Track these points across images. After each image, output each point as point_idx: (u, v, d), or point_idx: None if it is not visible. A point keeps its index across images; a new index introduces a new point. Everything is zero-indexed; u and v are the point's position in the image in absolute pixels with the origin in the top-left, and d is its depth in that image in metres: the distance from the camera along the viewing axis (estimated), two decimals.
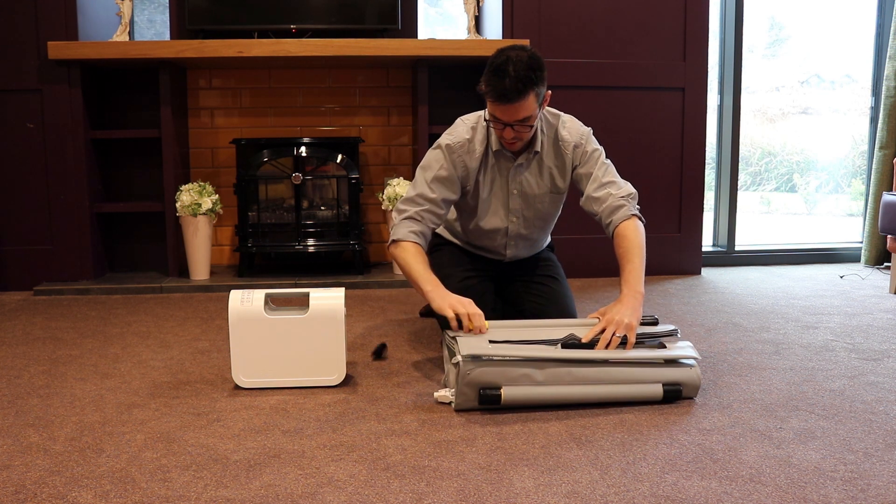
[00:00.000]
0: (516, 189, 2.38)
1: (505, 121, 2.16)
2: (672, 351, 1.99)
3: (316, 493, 1.47)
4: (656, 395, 1.94)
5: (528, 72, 2.08)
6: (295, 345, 2.07)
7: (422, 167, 2.34)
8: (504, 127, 2.19)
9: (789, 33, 5.09)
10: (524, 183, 2.37)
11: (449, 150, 2.30)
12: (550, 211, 2.46)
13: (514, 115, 2.14)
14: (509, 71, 2.07)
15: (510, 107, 2.12)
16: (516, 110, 2.13)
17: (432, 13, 4.36)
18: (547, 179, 2.38)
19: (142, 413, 1.91)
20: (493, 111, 2.17)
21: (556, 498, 1.44)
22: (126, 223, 3.85)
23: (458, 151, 2.30)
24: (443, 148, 2.31)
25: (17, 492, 1.47)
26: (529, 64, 2.09)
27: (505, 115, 2.15)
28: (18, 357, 2.44)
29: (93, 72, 3.63)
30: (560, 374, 1.91)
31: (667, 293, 3.44)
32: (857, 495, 1.45)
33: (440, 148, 2.32)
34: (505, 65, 2.08)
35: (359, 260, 3.67)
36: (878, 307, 3.14)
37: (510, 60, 2.08)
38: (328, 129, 3.94)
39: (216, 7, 3.64)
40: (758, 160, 5.36)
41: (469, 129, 2.33)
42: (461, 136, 2.32)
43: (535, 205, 2.41)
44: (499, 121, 2.18)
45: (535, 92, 2.12)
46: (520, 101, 2.10)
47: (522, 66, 2.08)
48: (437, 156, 2.32)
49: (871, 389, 2.08)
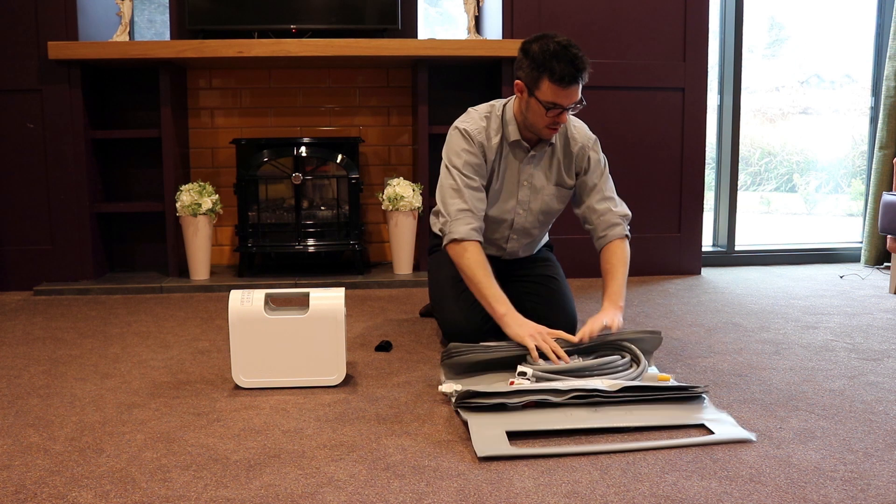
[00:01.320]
0: (526, 180, 2.39)
1: (565, 105, 2.17)
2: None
3: (316, 493, 1.47)
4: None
5: (580, 51, 2.14)
6: (295, 345, 2.07)
7: (448, 156, 2.32)
8: (561, 112, 2.19)
9: (789, 33, 5.09)
10: (534, 175, 2.39)
11: (469, 135, 2.30)
12: (554, 206, 2.47)
13: (575, 96, 2.17)
14: (567, 54, 2.11)
15: (574, 89, 2.14)
16: (576, 92, 2.16)
17: (432, 13, 4.36)
18: (555, 173, 2.41)
19: (142, 413, 1.91)
20: (556, 97, 2.16)
21: (556, 498, 1.44)
22: (126, 223, 3.85)
23: (476, 137, 2.31)
24: (461, 132, 2.31)
25: (17, 492, 1.47)
26: (576, 45, 2.15)
27: (567, 98, 2.16)
28: (18, 357, 2.44)
29: (93, 72, 3.63)
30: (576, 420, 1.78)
31: (667, 293, 3.44)
32: (857, 495, 1.45)
33: (459, 132, 2.31)
34: (559, 49, 2.11)
35: (359, 260, 3.67)
36: (878, 307, 3.14)
37: (560, 45, 2.12)
38: (328, 129, 3.94)
39: (216, 7, 3.64)
40: (758, 160, 5.36)
41: (483, 118, 2.34)
42: (477, 122, 2.33)
43: (542, 197, 2.43)
44: (558, 106, 2.17)
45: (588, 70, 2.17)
46: (582, 81, 2.15)
47: (574, 47, 2.13)
48: (459, 142, 2.31)
49: (871, 389, 2.08)
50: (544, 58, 2.12)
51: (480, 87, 3.95)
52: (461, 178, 2.28)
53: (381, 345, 2.49)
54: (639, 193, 3.83)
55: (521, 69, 2.20)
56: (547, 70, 2.12)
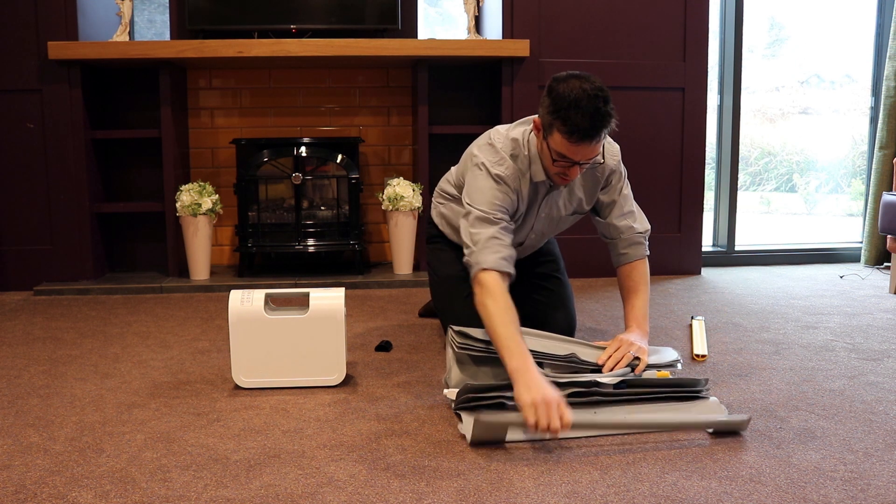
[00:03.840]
0: (544, 213, 2.27)
1: (575, 160, 1.97)
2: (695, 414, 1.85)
3: (316, 493, 1.47)
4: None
5: (605, 106, 1.90)
6: (295, 345, 2.07)
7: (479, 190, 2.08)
8: (572, 166, 2.00)
9: (789, 33, 5.09)
10: (553, 206, 2.26)
11: (504, 181, 2.08)
12: (563, 227, 2.41)
13: (589, 154, 1.97)
14: (588, 107, 1.88)
15: (589, 146, 1.94)
16: (593, 149, 1.96)
17: (432, 13, 4.36)
18: (575, 203, 2.29)
19: (142, 413, 1.91)
20: (565, 150, 1.96)
21: (556, 498, 1.44)
22: (126, 223, 3.85)
23: (512, 182, 2.10)
24: (495, 178, 2.08)
25: (17, 492, 1.47)
26: (604, 97, 1.91)
27: (578, 154, 1.96)
28: (18, 357, 2.44)
29: (93, 72, 3.63)
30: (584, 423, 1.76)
31: (667, 293, 3.44)
32: (857, 495, 1.45)
33: (493, 178, 2.08)
34: (581, 99, 1.88)
35: (359, 260, 3.67)
36: (878, 307, 3.14)
37: (586, 94, 1.89)
38: (328, 129, 3.94)
39: (216, 7, 3.64)
40: (757, 160, 5.36)
41: (511, 157, 2.12)
42: (509, 165, 2.10)
43: (557, 225, 2.36)
44: (568, 160, 1.98)
45: (610, 128, 1.96)
46: (599, 140, 1.94)
47: (600, 101, 1.89)
48: (491, 188, 2.07)
49: (871, 389, 2.08)
50: (563, 104, 1.90)
51: (480, 87, 3.95)
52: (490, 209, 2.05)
53: (381, 345, 2.49)
54: (639, 193, 3.79)
55: (542, 106, 1.99)
56: (560, 119, 1.91)
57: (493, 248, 1.98)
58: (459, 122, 3.96)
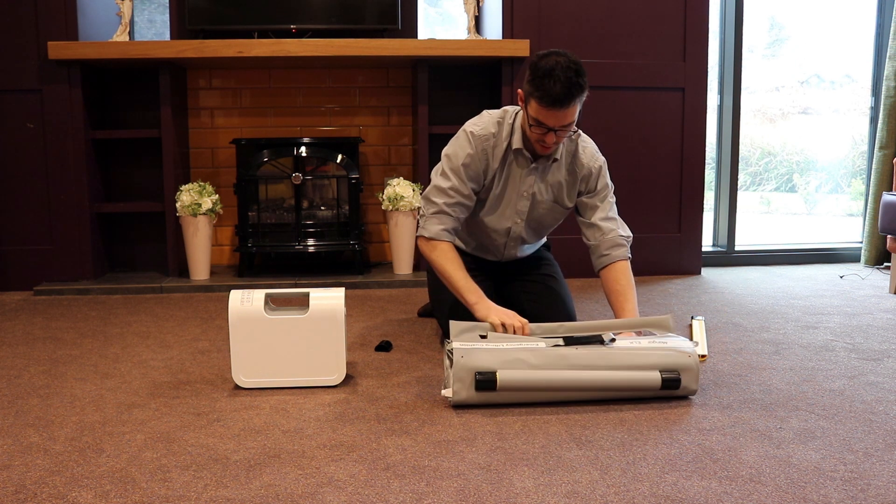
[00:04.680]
0: (526, 191, 2.38)
1: (550, 125, 2.17)
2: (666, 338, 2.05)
3: (316, 493, 1.47)
4: (654, 384, 1.93)
5: (577, 77, 2.10)
6: (295, 345, 2.07)
7: (448, 155, 2.33)
8: (547, 132, 2.19)
9: (789, 33, 5.09)
10: (535, 186, 2.38)
11: (475, 139, 2.30)
12: (549, 221, 2.47)
13: (561, 120, 2.15)
14: (560, 76, 2.08)
15: (559, 112, 2.13)
16: (564, 115, 2.14)
17: (432, 13, 4.36)
18: (555, 189, 2.40)
19: (142, 413, 1.91)
20: (539, 115, 2.16)
21: (556, 498, 1.44)
22: (126, 223, 3.85)
23: (483, 142, 2.31)
24: (468, 134, 2.31)
25: (17, 492, 1.47)
26: (577, 70, 2.10)
27: (551, 119, 2.15)
28: (18, 357, 2.44)
29: (93, 72, 3.63)
30: (554, 357, 1.93)
31: (667, 293, 3.44)
32: (857, 495, 1.45)
33: (466, 134, 2.31)
34: (555, 69, 2.09)
35: (359, 260, 3.67)
36: (878, 307, 3.14)
37: (559, 65, 2.09)
38: (328, 129, 3.94)
39: (216, 7, 3.64)
40: (757, 160, 5.36)
41: (495, 123, 2.33)
42: (487, 128, 2.32)
43: (538, 209, 2.42)
44: (542, 125, 2.18)
45: (581, 99, 2.14)
46: (570, 107, 2.12)
47: (572, 71, 2.09)
48: (463, 144, 2.31)
49: (871, 389, 2.08)
50: (540, 73, 2.11)
51: (480, 87, 3.95)
52: (453, 179, 2.30)
53: (381, 345, 2.49)
54: (639, 193, 3.83)
55: (525, 79, 2.19)
56: (535, 86, 2.12)
57: (439, 222, 2.29)
58: (459, 122, 3.91)
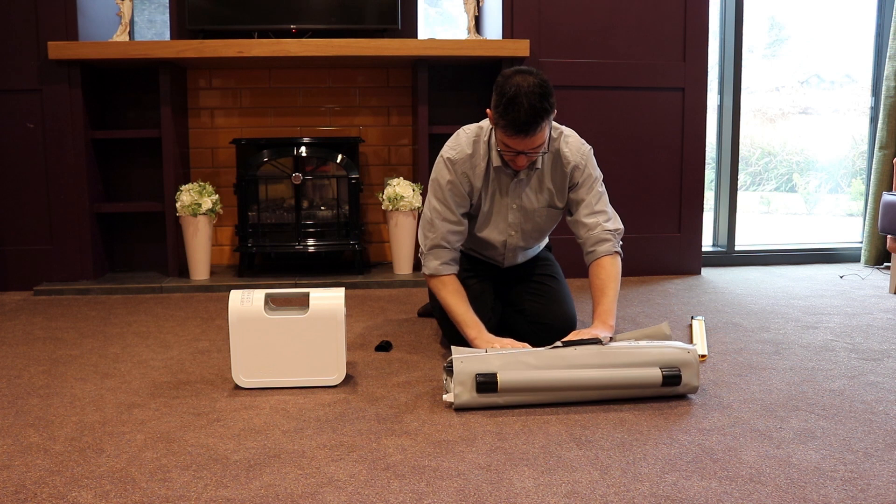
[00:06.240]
0: (515, 203, 2.37)
1: (518, 150, 2.17)
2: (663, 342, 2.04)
3: (316, 493, 1.47)
4: (655, 380, 1.93)
5: (541, 102, 2.06)
6: (295, 345, 2.07)
7: (433, 183, 2.34)
8: (517, 154, 2.19)
9: (789, 33, 5.09)
10: (524, 197, 2.37)
11: (452, 164, 2.30)
12: (548, 225, 2.46)
13: (529, 144, 2.15)
14: (524, 103, 2.05)
15: (527, 139, 2.12)
16: (532, 141, 2.13)
17: (432, 13, 4.36)
18: (546, 194, 2.38)
19: (142, 413, 1.91)
20: (507, 142, 2.16)
21: (556, 498, 1.44)
22: (126, 223, 3.85)
23: (461, 166, 2.30)
24: (445, 161, 2.31)
25: (17, 492, 1.47)
26: (541, 93, 2.07)
27: (520, 145, 2.15)
28: (18, 357, 2.44)
29: (93, 72, 3.63)
30: (553, 357, 1.94)
31: (667, 293, 3.44)
32: (857, 495, 1.45)
33: (444, 160, 2.31)
34: (518, 95, 2.05)
35: (359, 260, 3.67)
36: (878, 307, 3.14)
37: (522, 91, 2.05)
38: (328, 129, 3.94)
39: (216, 7, 3.64)
40: (758, 160, 5.36)
41: (471, 143, 2.31)
42: (463, 150, 2.31)
43: (533, 218, 2.41)
44: (511, 149, 2.18)
45: (548, 120, 2.13)
46: (537, 133, 2.11)
47: (535, 96, 2.06)
48: (442, 171, 2.32)
49: (871, 389, 2.08)
50: (504, 100, 2.08)
51: (480, 88, 3.95)
52: (440, 208, 2.30)
53: (381, 345, 2.49)
54: (639, 193, 3.83)
55: (492, 102, 2.16)
56: (500, 114, 2.10)
57: (437, 256, 2.31)
58: (459, 122, 3.91)
